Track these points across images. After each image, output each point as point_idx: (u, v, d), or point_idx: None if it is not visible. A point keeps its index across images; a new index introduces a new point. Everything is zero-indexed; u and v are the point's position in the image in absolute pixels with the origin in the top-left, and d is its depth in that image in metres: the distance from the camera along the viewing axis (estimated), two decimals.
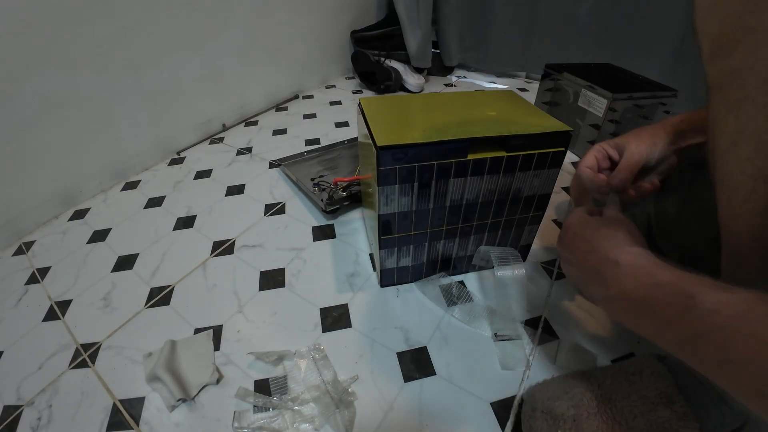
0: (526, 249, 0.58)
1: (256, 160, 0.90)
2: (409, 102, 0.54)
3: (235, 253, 0.64)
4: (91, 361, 0.49)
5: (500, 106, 0.50)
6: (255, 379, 0.46)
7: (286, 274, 0.59)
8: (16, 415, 0.44)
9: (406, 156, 0.41)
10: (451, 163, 0.42)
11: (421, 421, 0.41)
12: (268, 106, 1.18)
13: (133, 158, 0.87)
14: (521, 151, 0.43)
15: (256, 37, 1.07)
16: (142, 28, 0.79)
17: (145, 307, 0.55)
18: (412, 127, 0.44)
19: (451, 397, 0.43)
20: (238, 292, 0.57)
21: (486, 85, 1.37)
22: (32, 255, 0.67)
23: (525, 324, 0.50)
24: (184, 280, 0.59)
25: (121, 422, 0.42)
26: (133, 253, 0.65)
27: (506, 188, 0.47)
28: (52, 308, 0.56)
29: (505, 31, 1.29)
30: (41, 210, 0.73)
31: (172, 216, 0.73)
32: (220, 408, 0.43)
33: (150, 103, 0.86)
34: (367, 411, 0.42)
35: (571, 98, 0.89)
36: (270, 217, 0.72)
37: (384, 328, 0.51)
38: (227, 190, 0.80)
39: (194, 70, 0.93)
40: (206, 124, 1.01)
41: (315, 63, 1.31)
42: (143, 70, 0.82)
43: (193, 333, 0.51)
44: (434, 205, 0.46)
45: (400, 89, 1.27)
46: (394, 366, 0.46)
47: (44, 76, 0.67)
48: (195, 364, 0.47)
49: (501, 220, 0.51)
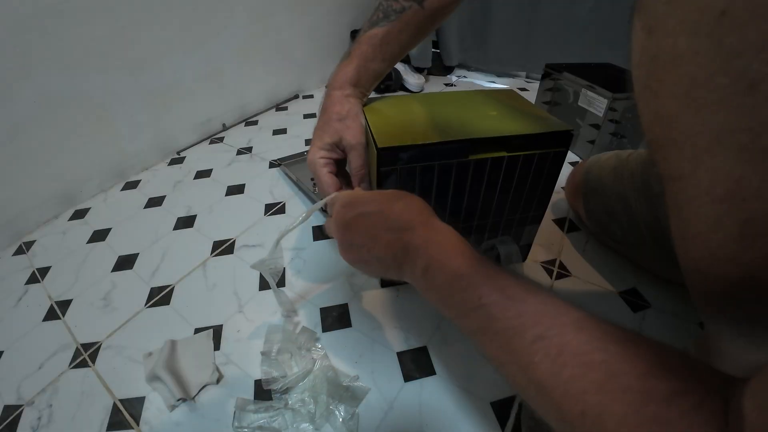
0: (526, 248, 0.58)
1: (256, 160, 0.90)
2: (410, 102, 0.54)
3: (235, 253, 0.64)
4: (92, 360, 0.49)
5: (501, 105, 0.50)
6: (255, 378, 0.46)
7: (287, 274, 0.59)
8: (16, 414, 0.44)
9: (407, 157, 0.40)
10: (452, 164, 0.42)
11: (421, 421, 0.41)
12: (268, 106, 1.18)
13: (133, 158, 0.87)
14: (522, 152, 0.43)
15: (256, 36, 1.07)
16: (142, 27, 0.79)
17: (145, 307, 0.55)
18: (412, 127, 0.44)
19: (451, 397, 0.43)
20: (238, 291, 0.57)
21: (486, 84, 1.37)
22: (32, 255, 0.67)
23: None
24: (185, 279, 0.59)
25: (122, 422, 0.42)
26: (134, 253, 0.65)
27: (507, 188, 0.47)
28: (53, 308, 0.56)
29: (505, 31, 1.29)
30: (41, 210, 0.73)
31: (172, 216, 0.73)
32: (220, 408, 0.43)
33: (150, 103, 0.86)
34: (367, 411, 0.42)
35: (572, 98, 0.89)
36: (270, 217, 0.72)
37: (384, 328, 0.51)
38: (227, 189, 0.80)
39: (194, 69, 0.93)
40: (206, 124, 1.01)
41: (315, 63, 1.31)
42: (143, 69, 0.82)
43: (193, 333, 0.51)
44: (435, 206, 0.46)
45: (400, 89, 1.27)
46: (394, 366, 0.46)
47: (44, 76, 0.67)
48: (195, 363, 0.47)
49: (501, 220, 0.51)
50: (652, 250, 0.50)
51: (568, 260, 0.60)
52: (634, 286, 0.55)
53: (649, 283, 0.55)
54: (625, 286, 0.56)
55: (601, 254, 0.61)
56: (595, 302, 0.54)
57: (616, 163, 0.56)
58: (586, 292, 0.55)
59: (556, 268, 0.59)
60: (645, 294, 0.54)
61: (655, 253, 0.51)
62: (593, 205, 0.58)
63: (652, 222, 0.49)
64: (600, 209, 0.56)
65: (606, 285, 0.56)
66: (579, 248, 0.62)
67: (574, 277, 0.58)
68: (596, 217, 0.58)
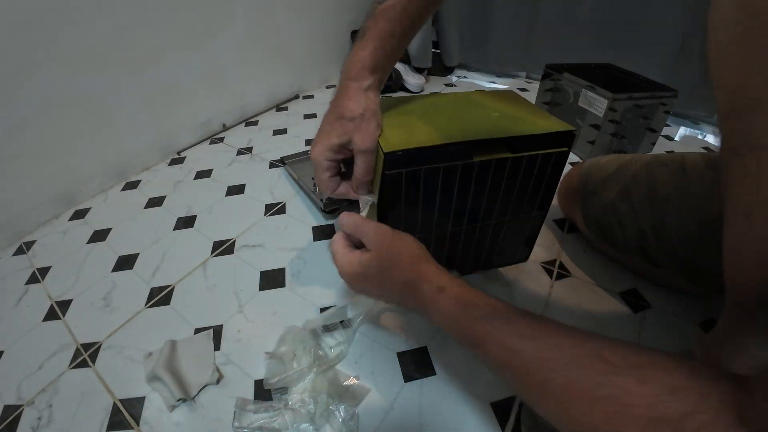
0: (528, 249, 0.58)
1: (256, 160, 0.90)
2: (411, 103, 0.54)
3: (235, 253, 0.64)
4: (92, 360, 0.49)
5: (503, 106, 0.50)
6: (255, 378, 0.46)
7: (287, 274, 0.59)
8: (16, 414, 0.44)
9: (412, 160, 0.40)
10: (457, 166, 0.42)
11: (421, 421, 0.41)
12: (268, 106, 1.18)
13: (133, 158, 0.87)
14: (526, 152, 0.43)
15: (256, 36, 1.07)
16: (142, 27, 0.79)
17: (145, 307, 0.55)
18: (416, 129, 0.43)
19: (451, 397, 0.43)
20: (238, 292, 0.57)
21: (486, 85, 1.37)
22: (32, 255, 0.67)
23: None
24: (185, 279, 0.59)
25: (122, 422, 0.42)
26: (134, 253, 0.65)
27: (510, 189, 0.47)
28: (53, 308, 0.56)
29: (505, 31, 1.29)
30: (41, 210, 0.73)
31: (172, 216, 0.73)
32: (220, 408, 0.43)
33: (150, 103, 0.86)
34: (367, 411, 0.42)
35: (572, 98, 0.89)
36: (270, 217, 0.72)
37: (384, 328, 0.51)
38: (227, 190, 0.80)
39: (194, 69, 0.93)
40: (206, 124, 1.01)
41: (315, 63, 1.31)
42: (143, 69, 0.82)
43: (193, 333, 0.51)
44: (439, 208, 0.46)
45: (400, 89, 1.27)
46: (394, 366, 0.46)
47: (44, 76, 0.67)
48: (195, 363, 0.47)
49: (504, 220, 0.51)
50: (656, 252, 0.49)
51: (568, 260, 0.60)
52: (635, 286, 0.55)
53: (650, 284, 0.55)
54: (625, 286, 0.56)
55: (601, 255, 0.60)
56: (595, 303, 0.54)
57: (618, 166, 0.55)
58: (587, 293, 0.55)
59: (557, 269, 0.59)
60: (645, 295, 0.54)
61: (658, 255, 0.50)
62: (593, 209, 0.56)
63: (656, 225, 0.49)
64: (600, 213, 0.55)
65: (606, 285, 0.56)
66: (579, 248, 0.62)
67: (575, 278, 0.57)
68: (596, 222, 0.56)
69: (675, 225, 0.46)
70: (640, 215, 0.50)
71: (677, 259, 0.47)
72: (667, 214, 0.47)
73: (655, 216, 0.49)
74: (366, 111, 0.39)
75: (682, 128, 1.05)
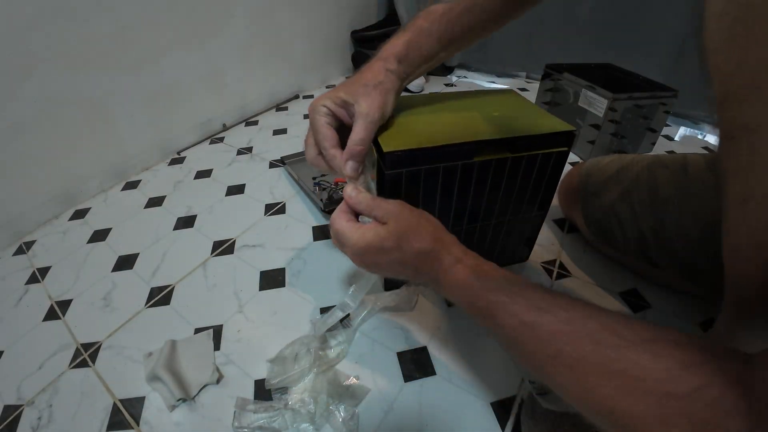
0: (528, 249, 0.58)
1: (256, 160, 0.90)
2: (412, 103, 0.54)
3: (235, 253, 0.64)
4: (92, 360, 0.49)
5: (503, 106, 0.50)
6: (255, 378, 0.46)
7: (287, 274, 0.59)
8: (16, 414, 0.44)
9: (412, 160, 0.40)
10: (457, 166, 0.42)
11: (421, 421, 0.41)
12: (268, 106, 1.18)
13: (133, 158, 0.87)
14: (526, 152, 0.43)
15: (256, 36, 1.07)
16: (142, 27, 0.79)
17: (145, 307, 0.55)
18: (416, 129, 0.43)
19: (451, 397, 0.43)
20: (238, 291, 0.57)
21: (486, 85, 1.37)
22: (32, 255, 0.67)
23: None
24: (185, 279, 0.59)
25: (122, 422, 0.42)
26: (134, 253, 0.65)
27: (510, 189, 0.47)
28: (53, 308, 0.56)
29: (506, 31, 1.28)
30: (41, 210, 0.73)
31: (172, 216, 0.73)
32: (220, 408, 0.43)
33: (150, 103, 0.86)
34: (367, 411, 0.42)
35: (572, 98, 0.89)
36: (270, 217, 0.72)
37: (384, 328, 0.51)
38: (227, 189, 0.80)
39: (194, 69, 0.93)
40: (206, 124, 1.01)
41: (315, 63, 1.31)
42: (143, 69, 0.82)
43: (193, 333, 0.51)
44: (439, 208, 0.46)
45: None
46: (394, 366, 0.46)
47: (45, 76, 0.67)
48: (195, 363, 0.47)
49: (504, 220, 0.51)
50: (656, 252, 0.49)
51: (568, 260, 0.60)
52: (635, 286, 0.55)
53: (650, 283, 0.55)
54: (625, 286, 0.56)
55: (601, 255, 0.60)
56: (595, 303, 0.54)
57: (619, 167, 0.54)
58: (587, 293, 0.55)
59: (557, 269, 0.59)
60: (645, 295, 0.54)
61: (658, 256, 0.50)
62: (593, 210, 0.56)
63: (656, 226, 0.48)
64: (600, 214, 0.55)
65: (606, 285, 0.56)
66: (579, 248, 0.62)
67: (575, 278, 0.57)
68: (596, 223, 0.56)
69: (675, 226, 0.46)
70: (641, 217, 0.50)
71: (677, 259, 0.47)
72: (668, 215, 0.47)
73: (656, 217, 0.49)
74: (380, 85, 0.39)
75: (682, 128, 1.05)
